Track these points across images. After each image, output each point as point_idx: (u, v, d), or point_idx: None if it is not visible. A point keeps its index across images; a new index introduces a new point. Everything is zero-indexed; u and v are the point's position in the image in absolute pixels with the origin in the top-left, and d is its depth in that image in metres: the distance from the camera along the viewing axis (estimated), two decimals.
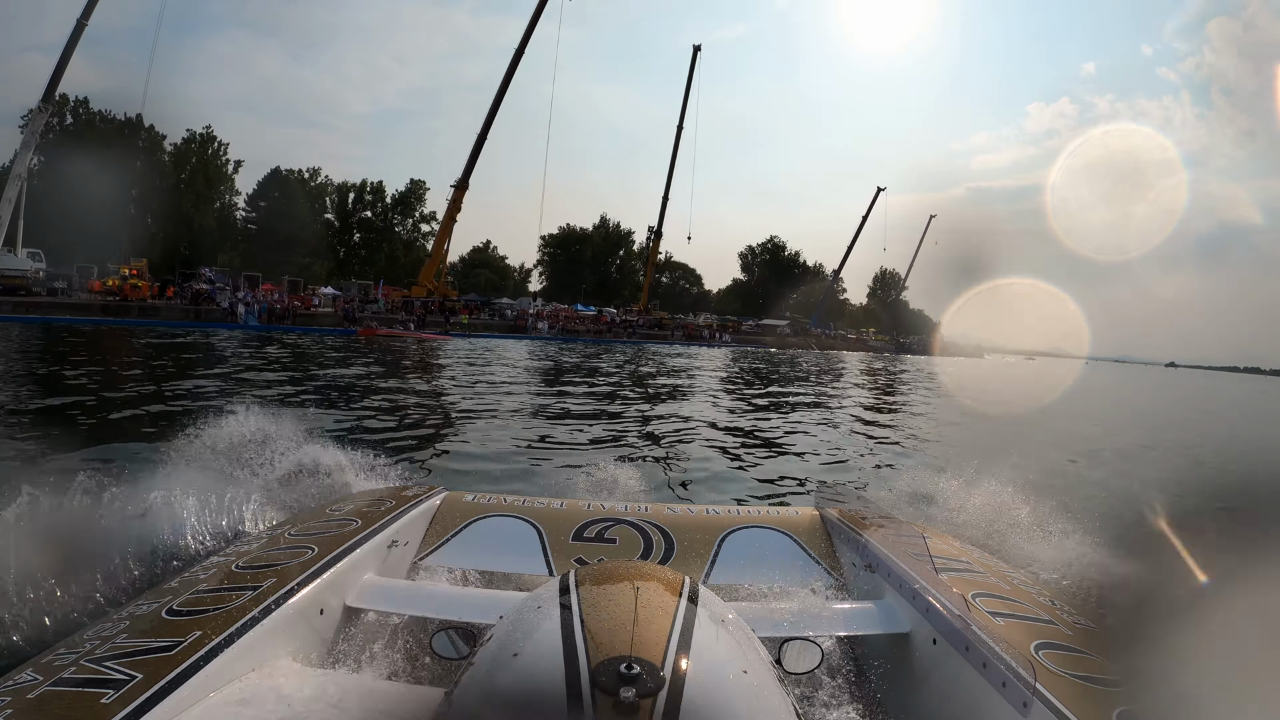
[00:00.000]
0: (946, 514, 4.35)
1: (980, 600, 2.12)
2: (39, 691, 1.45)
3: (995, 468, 4.83)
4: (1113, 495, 6.81)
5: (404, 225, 71.11)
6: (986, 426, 15.84)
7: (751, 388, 20.26)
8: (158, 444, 5.55)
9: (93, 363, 14.90)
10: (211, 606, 1.86)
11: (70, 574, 2.68)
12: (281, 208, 60.49)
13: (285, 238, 58.36)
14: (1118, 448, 11.89)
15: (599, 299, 67.18)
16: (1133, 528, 4.65)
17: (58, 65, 35.51)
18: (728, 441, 9.80)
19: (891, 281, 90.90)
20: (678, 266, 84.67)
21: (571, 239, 78.08)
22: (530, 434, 9.05)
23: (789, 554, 2.99)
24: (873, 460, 9.10)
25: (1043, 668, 1.70)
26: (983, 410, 19.77)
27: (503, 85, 45.54)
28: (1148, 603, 2.94)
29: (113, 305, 32.54)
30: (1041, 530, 3.91)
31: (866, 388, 23.65)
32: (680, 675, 1.07)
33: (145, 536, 3.03)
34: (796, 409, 14.85)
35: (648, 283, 66.64)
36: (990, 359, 78.51)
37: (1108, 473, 9.06)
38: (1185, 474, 10.09)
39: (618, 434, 9.75)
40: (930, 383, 29.09)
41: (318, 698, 1.68)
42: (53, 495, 3.08)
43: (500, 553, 2.98)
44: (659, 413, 12.72)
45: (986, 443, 11.81)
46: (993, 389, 30.19)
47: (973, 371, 46.43)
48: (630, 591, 1.29)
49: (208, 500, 3.34)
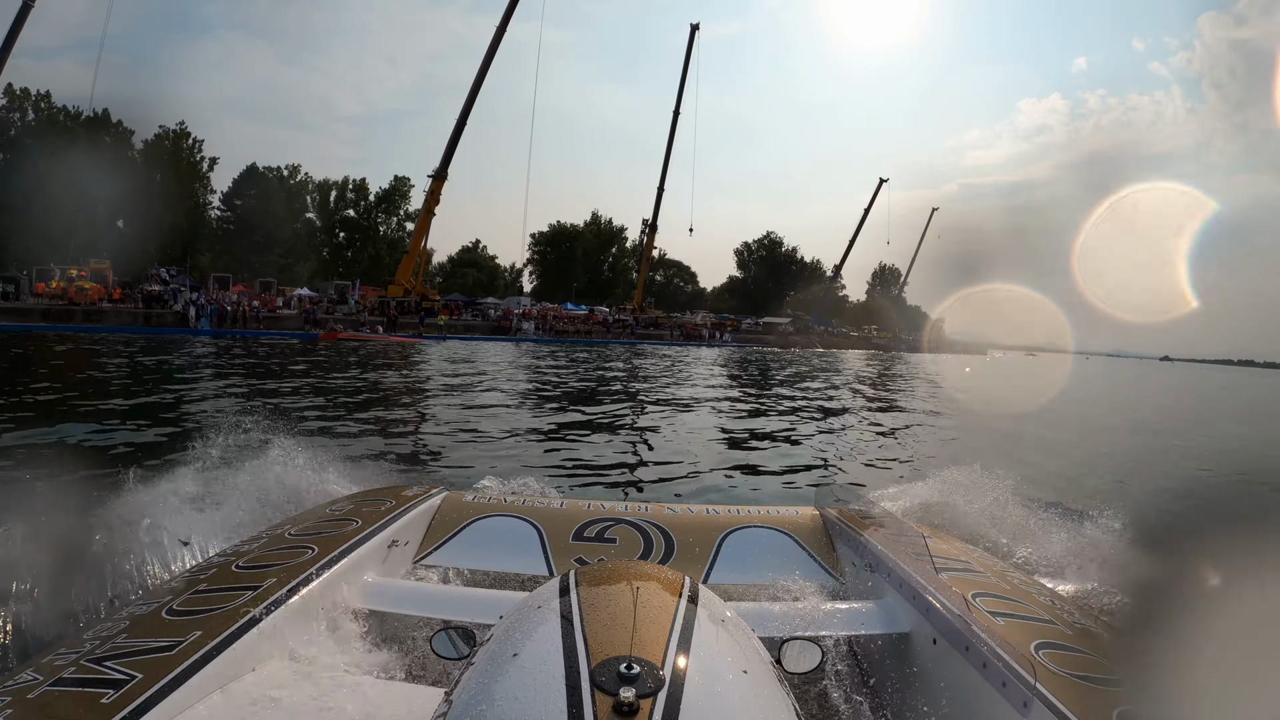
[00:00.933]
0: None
1: (980, 600, 2.11)
2: (39, 691, 1.46)
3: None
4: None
5: (388, 224, 68.80)
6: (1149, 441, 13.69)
7: (777, 397, 17.91)
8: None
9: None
10: (211, 606, 1.87)
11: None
12: (258, 206, 58.03)
13: (261, 238, 56.01)
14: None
15: (591, 298, 64.33)
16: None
17: (1, 49, 33.05)
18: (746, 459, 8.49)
19: (891, 277, 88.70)
20: (672, 264, 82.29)
21: (562, 236, 75.41)
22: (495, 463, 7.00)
23: (789, 554, 3.00)
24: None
25: (1043, 668, 1.71)
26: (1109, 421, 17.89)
27: (481, 70, 43.04)
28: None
29: (55, 310, 30.16)
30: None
31: (934, 396, 21.24)
32: (680, 675, 1.05)
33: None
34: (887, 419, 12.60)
35: (642, 279, 62.91)
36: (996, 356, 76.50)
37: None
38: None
39: (614, 463, 7.83)
40: (990, 383, 28.99)
41: (318, 698, 1.70)
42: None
43: (500, 553, 2.97)
44: (663, 424, 11.32)
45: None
46: (1062, 390, 28.65)
47: (1003, 369, 45.56)
48: (630, 591, 1.28)
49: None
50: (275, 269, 55.73)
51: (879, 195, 71.19)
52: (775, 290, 77.69)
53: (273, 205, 58.28)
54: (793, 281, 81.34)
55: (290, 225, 59.21)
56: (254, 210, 57.59)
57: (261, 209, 57.78)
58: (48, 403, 10.02)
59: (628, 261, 75.93)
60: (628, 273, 74.31)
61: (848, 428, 12.13)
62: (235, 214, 58.14)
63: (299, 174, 64.55)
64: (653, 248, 62.36)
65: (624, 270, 76.54)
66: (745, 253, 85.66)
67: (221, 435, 4.59)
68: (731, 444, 9.60)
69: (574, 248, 74.78)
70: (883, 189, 71.07)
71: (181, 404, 10.72)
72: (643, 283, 62.88)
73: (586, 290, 70.96)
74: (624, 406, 13.19)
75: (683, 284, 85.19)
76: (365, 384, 15.38)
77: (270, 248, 56.55)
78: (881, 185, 70.95)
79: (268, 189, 59.18)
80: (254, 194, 58.51)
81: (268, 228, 56.29)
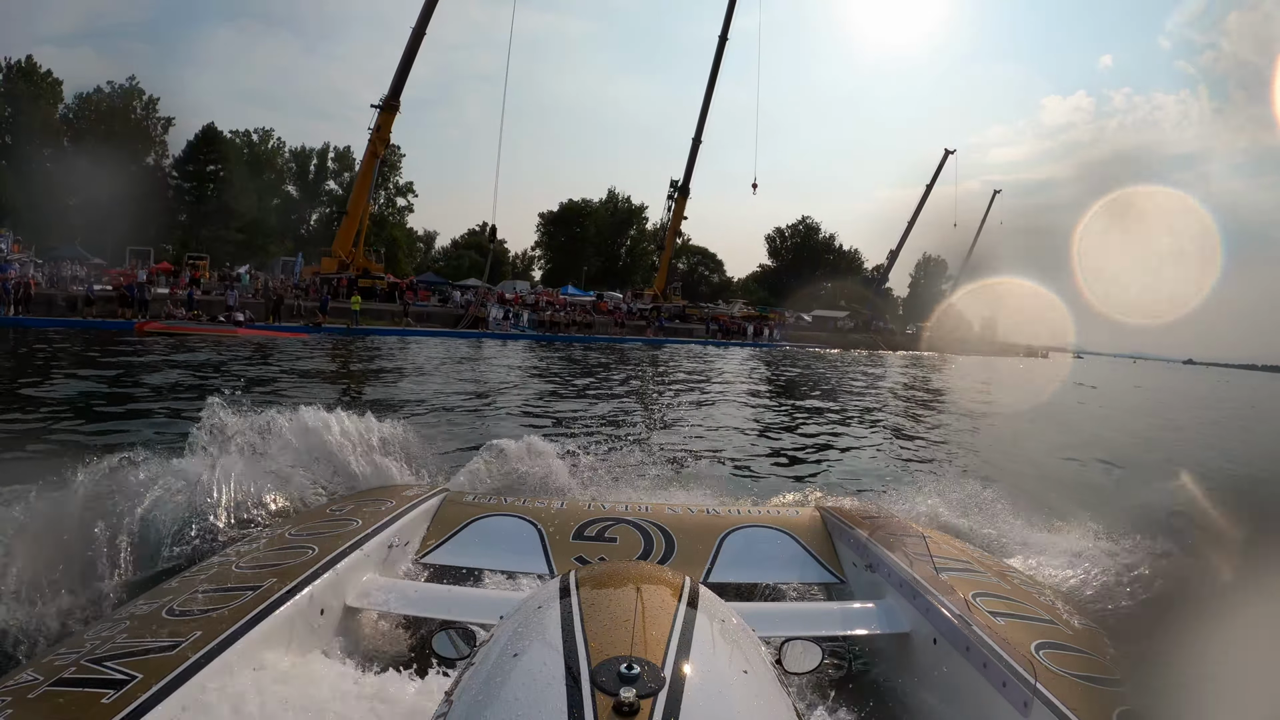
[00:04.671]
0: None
1: (980, 600, 2.11)
2: (39, 691, 1.45)
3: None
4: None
5: (376, 197, 60.23)
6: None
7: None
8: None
9: None
10: (212, 606, 1.86)
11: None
12: (216, 175, 49.69)
13: (215, 209, 47.73)
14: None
15: (605, 286, 53.89)
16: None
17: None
18: None
19: (937, 269, 78.40)
20: (696, 250, 72.84)
21: (572, 214, 66.26)
22: None
23: (789, 554, 2.98)
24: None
25: (1043, 668, 1.70)
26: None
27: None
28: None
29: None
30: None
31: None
32: (680, 675, 1.05)
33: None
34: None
35: (667, 256, 48.80)
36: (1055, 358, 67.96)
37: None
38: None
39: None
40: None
41: (318, 698, 1.69)
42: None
43: (500, 552, 2.94)
44: None
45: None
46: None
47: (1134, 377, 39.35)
48: (630, 591, 1.28)
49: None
50: (233, 245, 47.44)
51: (944, 169, 60.80)
52: (812, 281, 68.16)
53: (233, 174, 49.76)
54: (828, 272, 71.82)
55: (252, 197, 50.56)
56: (211, 180, 49.29)
57: (222, 179, 49.46)
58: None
59: (647, 245, 66.14)
60: (647, 257, 64.22)
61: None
62: (192, 184, 49.74)
63: (271, 139, 56.20)
64: (682, 215, 47.54)
65: (643, 255, 66.92)
66: (777, 239, 76.27)
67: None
68: None
69: (586, 227, 65.67)
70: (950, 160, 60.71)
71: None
72: (668, 260, 49.30)
73: (600, 276, 61.69)
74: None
75: (707, 272, 75.95)
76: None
77: (225, 221, 48.11)
78: (947, 157, 60.66)
79: (228, 156, 50.63)
80: (215, 162, 50.06)
81: (223, 199, 47.89)
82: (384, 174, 59.27)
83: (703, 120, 45.55)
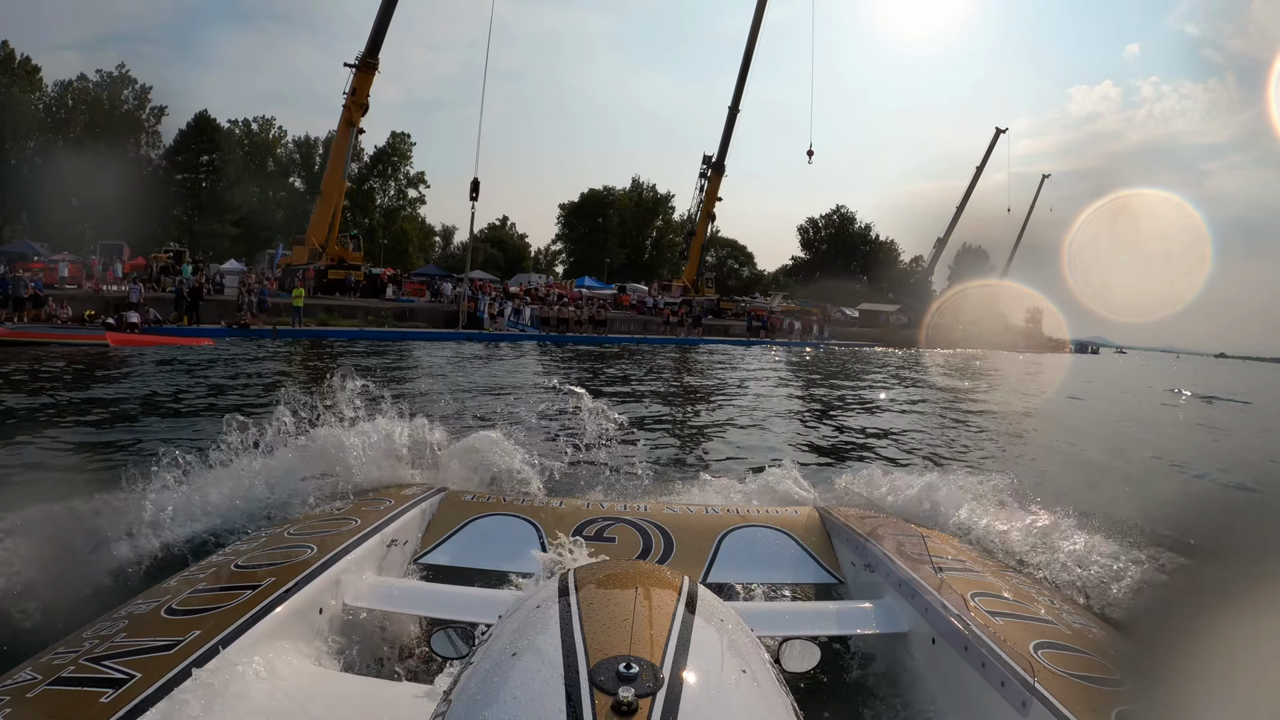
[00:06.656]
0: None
1: (979, 600, 2.10)
2: (39, 691, 1.45)
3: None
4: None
5: (385, 191, 56.61)
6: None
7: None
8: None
9: None
10: (211, 606, 1.86)
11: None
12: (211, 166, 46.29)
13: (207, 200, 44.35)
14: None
15: (628, 280, 48.93)
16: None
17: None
18: None
19: (978, 260, 72.67)
20: (725, 242, 68.11)
21: (594, 204, 61.93)
22: None
23: (788, 553, 2.97)
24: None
25: (1042, 668, 1.70)
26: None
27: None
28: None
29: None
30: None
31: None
32: (679, 675, 1.04)
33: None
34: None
35: (699, 240, 43.07)
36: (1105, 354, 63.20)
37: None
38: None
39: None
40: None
41: (317, 697, 1.69)
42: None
43: (499, 552, 2.93)
44: None
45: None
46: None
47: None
48: (629, 591, 1.28)
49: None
50: (229, 240, 44.04)
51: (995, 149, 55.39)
52: (848, 273, 63.18)
53: (227, 165, 46.30)
54: (864, 264, 67.08)
55: (250, 189, 47.09)
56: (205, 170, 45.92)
57: (217, 169, 46.07)
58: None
59: (674, 238, 61.38)
60: (674, 249, 59.17)
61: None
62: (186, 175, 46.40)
63: (272, 129, 52.73)
64: (715, 197, 41.62)
65: (669, 247, 62.29)
66: (810, 230, 71.22)
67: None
68: None
69: (609, 217, 61.30)
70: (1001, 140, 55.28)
71: None
72: (700, 245, 43.50)
73: (623, 270, 57.40)
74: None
75: (737, 265, 71.25)
76: None
77: (218, 214, 44.69)
78: (999, 136, 55.23)
79: (223, 145, 47.18)
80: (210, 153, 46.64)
81: (216, 190, 44.47)
82: (394, 164, 55.84)
83: (741, 84, 40.41)
